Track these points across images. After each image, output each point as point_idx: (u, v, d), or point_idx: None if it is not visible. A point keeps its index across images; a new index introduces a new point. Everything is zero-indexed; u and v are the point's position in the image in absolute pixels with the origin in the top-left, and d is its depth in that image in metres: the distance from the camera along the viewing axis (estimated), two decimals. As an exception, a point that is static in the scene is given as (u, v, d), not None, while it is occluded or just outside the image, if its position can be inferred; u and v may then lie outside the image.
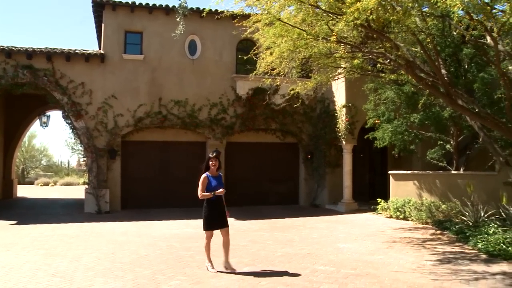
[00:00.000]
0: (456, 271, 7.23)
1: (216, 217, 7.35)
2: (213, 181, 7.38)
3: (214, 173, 7.44)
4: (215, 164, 7.43)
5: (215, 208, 7.36)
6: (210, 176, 7.40)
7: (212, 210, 7.33)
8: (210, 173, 7.41)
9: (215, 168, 7.45)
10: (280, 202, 17.45)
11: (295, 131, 17.51)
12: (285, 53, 8.74)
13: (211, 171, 7.43)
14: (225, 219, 7.46)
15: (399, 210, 13.31)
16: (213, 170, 7.43)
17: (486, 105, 11.70)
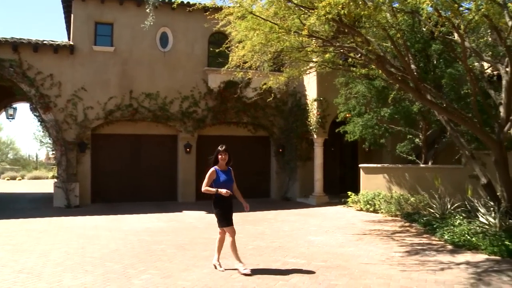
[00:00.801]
0: (423, 262, 7.38)
1: (229, 213, 6.99)
2: (222, 175, 7.01)
3: (223, 167, 7.08)
4: (224, 158, 7.06)
5: (226, 204, 6.97)
6: (219, 170, 7.03)
7: (224, 206, 6.95)
8: (219, 167, 7.05)
9: (224, 162, 7.08)
10: (251, 196, 17.35)
11: (267, 125, 17.56)
12: (257, 46, 8.74)
13: (220, 165, 7.05)
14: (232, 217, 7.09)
15: (369, 203, 13.50)
16: (222, 164, 7.05)
17: (454, 100, 11.94)
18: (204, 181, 7.00)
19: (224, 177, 7.01)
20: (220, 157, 7.05)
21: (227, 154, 7.07)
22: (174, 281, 6.33)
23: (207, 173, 7.04)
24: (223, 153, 7.05)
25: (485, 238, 8.27)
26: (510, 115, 9.22)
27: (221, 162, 7.05)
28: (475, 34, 11.61)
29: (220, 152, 7.06)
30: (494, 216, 8.98)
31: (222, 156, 7.04)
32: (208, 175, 6.98)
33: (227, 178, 7.03)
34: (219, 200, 6.95)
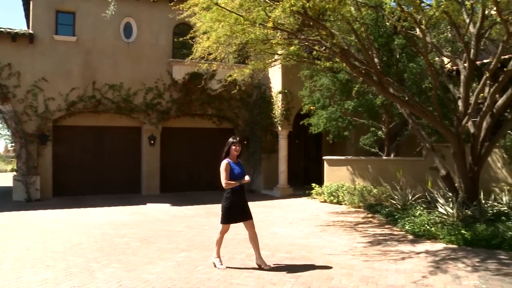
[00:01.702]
0: (385, 252, 7.55)
1: (238, 209, 6.66)
2: (236, 167, 6.69)
3: (235, 160, 6.77)
4: (238, 150, 6.74)
5: (239, 198, 6.67)
6: (232, 162, 6.71)
7: (235, 201, 6.64)
8: (231, 160, 6.72)
9: (237, 154, 6.78)
10: (215, 188, 17.27)
11: (232, 117, 17.55)
12: (222, 38, 8.69)
13: (232, 157, 6.74)
14: (249, 211, 6.79)
15: (332, 194, 13.68)
16: (234, 156, 6.74)
17: (415, 94, 12.19)
18: (223, 175, 6.62)
19: (238, 169, 6.69)
20: (234, 148, 6.72)
21: (240, 146, 6.78)
22: (138, 274, 6.29)
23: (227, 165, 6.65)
24: (237, 145, 6.72)
25: (444, 227, 8.51)
26: (468, 109, 9.48)
27: (234, 154, 6.74)
28: (436, 30, 11.88)
29: (234, 143, 6.73)
30: (452, 206, 9.24)
31: (236, 147, 6.72)
32: (224, 169, 6.62)
33: (241, 171, 6.71)
34: (232, 196, 6.64)
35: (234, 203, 6.62)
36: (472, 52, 9.35)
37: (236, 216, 6.67)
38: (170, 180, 16.84)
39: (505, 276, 6.11)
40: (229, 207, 6.62)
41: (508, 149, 11.27)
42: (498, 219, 8.95)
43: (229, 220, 6.68)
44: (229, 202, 6.62)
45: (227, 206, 6.63)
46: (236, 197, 6.63)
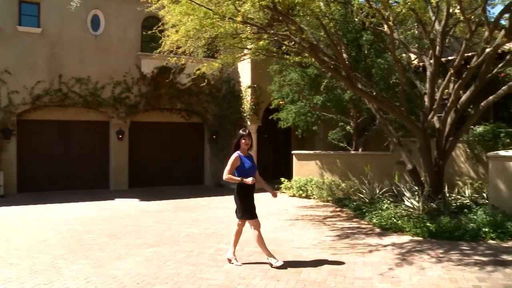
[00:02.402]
0: (353, 245, 7.66)
1: (252, 203, 6.52)
2: (246, 161, 6.44)
3: (246, 153, 6.53)
4: (247, 143, 6.47)
5: (251, 192, 6.52)
6: (243, 156, 6.47)
7: (248, 196, 6.49)
8: (242, 153, 6.48)
9: (247, 147, 6.53)
10: (185, 182, 17.40)
11: (201, 111, 17.45)
12: (191, 32, 8.63)
13: (243, 150, 6.48)
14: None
15: (301, 189, 13.79)
16: (244, 149, 6.48)
17: (383, 89, 12.37)
18: (226, 168, 6.42)
19: (248, 163, 6.46)
20: (243, 141, 6.46)
21: (250, 139, 6.51)
22: (106, 270, 6.22)
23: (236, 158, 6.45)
24: (246, 138, 6.46)
25: (410, 220, 8.69)
26: (434, 105, 9.68)
27: (244, 147, 6.48)
28: (403, 27, 12.08)
29: (244, 136, 6.47)
30: (418, 199, 9.44)
31: (246, 140, 6.46)
32: (231, 162, 6.40)
33: (251, 165, 6.49)
34: (244, 189, 6.45)
35: (247, 195, 6.48)
36: (437, 49, 9.55)
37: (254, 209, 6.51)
38: (139, 175, 16.67)
39: (466, 266, 6.29)
40: (247, 202, 6.48)
41: (471, 144, 11.56)
42: (461, 212, 9.21)
43: (253, 213, 6.48)
44: (243, 196, 6.48)
45: (243, 201, 6.47)
46: (249, 192, 6.50)
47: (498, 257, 6.74)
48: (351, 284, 5.60)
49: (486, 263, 6.45)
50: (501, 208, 9.02)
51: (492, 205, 9.35)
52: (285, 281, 5.75)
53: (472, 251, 7.09)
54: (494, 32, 8.82)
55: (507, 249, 7.20)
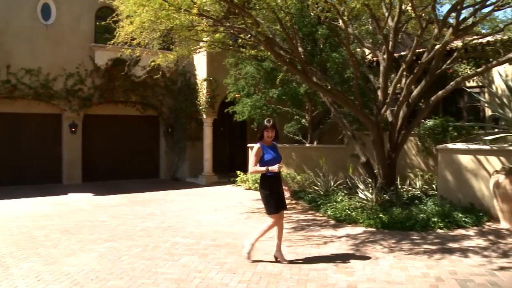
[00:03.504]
0: (308, 237, 7.77)
1: (280, 196, 6.22)
2: (269, 151, 6.18)
3: (269, 143, 6.27)
4: (271, 136, 6.20)
5: (278, 185, 6.20)
6: (265, 146, 6.21)
7: (275, 188, 6.17)
8: (264, 144, 6.23)
9: (271, 140, 6.26)
10: (140, 176, 17.18)
11: (156, 104, 17.25)
12: (146, 23, 8.49)
13: (265, 142, 6.23)
14: (285, 200, 6.39)
15: (257, 181, 13.79)
16: (267, 141, 6.23)
17: (338, 83, 12.56)
18: (250, 160, 6.20)
19: (271, 153, 6.20)
20: (266, 133, 6.18)
21: (274, 131, 6.22)
22: (59, 267, 6.07)
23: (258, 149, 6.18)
24: (269, 130, 6.17)
25: (363, 212, 8.89)
26: (387, 99, 9.90)
27: (267, 140, 6.23)
28: (358, 22, 12.27)
29: (267, 128, 6.17)
30: (371, 191, 9.66)
31: (269, 133, 6.18)
32: (254, 153, 6.14)
33: (275, 155, 6.22)
34: (269, 181, 6.18)
35: (276, 189, 6.18)
36: (390, 45, 9.76)
37: (282, 203, 6.25)
38: (93, 169, 16.33)
39: (416, 254, 6.50)
40: (272, 195, 6.15)
41: (421, 137, 11.90)
42: (412, 203, 9.50)
43: (278, 207, 6.19)
44: (269, 189, 6.16)
45: (269, 194, 6.16)
46: (275, 183, 6.19)
47: (445, 245, 7.00)
48: (306, 275, 5.68)
49: (435, 251, 6.69)
50: (449, 198, 9.38)
51: (440, 196, 9.69)
52: (241, 273, 5.78)
53: (422, 241, 7.33)
54: (443, 29, 9.11)
55: (453, 238, 7.49)
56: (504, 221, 8.29)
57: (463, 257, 6.40)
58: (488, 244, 7.09)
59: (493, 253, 6.57)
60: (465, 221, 8.24)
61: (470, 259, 6.28)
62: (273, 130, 6.20)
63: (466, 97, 12.85)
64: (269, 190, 6.15)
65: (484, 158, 9.16)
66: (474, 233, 7.78)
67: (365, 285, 5.31)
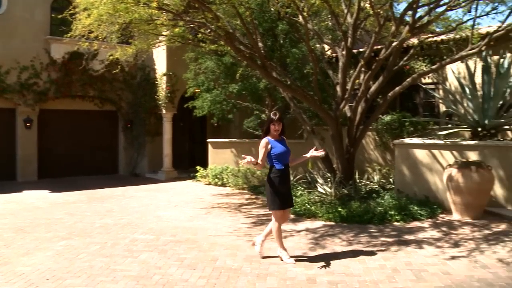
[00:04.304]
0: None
1: (287, 192, 6.06)
2: (277, 145, 5.94)
3: (277, 137, 6.04)
4: (277, 129, 5.95)
5: (286, 180, 6.03)
6: (273, 140, 5.99)
7: (283, 183, 5.97)
8: (271, 137, 6.00)
9: (278, 134, 6.01)
10: (99, 172, 16.87)
11: (114, 99, 16.96)
12: (104, 16, 8.30)
13: (272, 136, 6.00)
14: (292, 197, 6.32)
15: (217, 177, 13.83)
16: (274, 135, 6.00)
17: (297, 79, 12.63)
18: (260, 156, 5.92)
19: (280, 147, 5.97)
20: (272, 127, 5.94)
21: (281, 124, 5.97)
22: (12, 267, 5.90)
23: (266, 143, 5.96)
24: (276, 123, 5.93)
25: (322, 206, 9.02)
26: (345, 94, 10.05)
27: (274, 134, 5.99)
28: (317, 18, 12.37)
29: (274, 121, 5.93)
30: (330, 186, 9.80)
31: (275, 126, 5.94)
32: (261, 147, 5.91)
33: (284, 149, 6.01)
34: (277, 176, 5.97)
35: (282, 185, 5.97)
36: (349, 41, 9.89)
37: (287, 200, 6.06)
38: (50, 165, 15.92)
39: (373, 247, 6.65)
40: (278, 191, 5.93)
41: (379, 132, 12.14)
42: (370, 196, 9.69)
43: (282, 205, 5.97)
44: (275, 185, 5.93)
45: (274, 189, 5.93)
46: (282, 179, 5.98)
47: (402, 238, 7.19)
48: (266, 270, 5.73)
49: (391, 243, 6.86)
50: (405, 192, 9.62)
51: (397, 189, 9.93)
52: (201, 269, 5.77)
53: (379, 233, 7.49)
54: (400, 27, 9.31)
55: (409, 230, 7.70)
56: (456, 213, 8.57)
57: (418, 248, 6.60)
58: (441, 235, 7.34)
59: (445, 244, 6.81)
60: (421, 213, 8.49)
61: (424, 250, 6.49)
62: (280, 123, 5.95)
63: (422, 93, 13.17)
64: (276, 185, 5.93)
65: (438, 152, 9.44)
66: (429, 225, 8.02)
67: (324, 278, 5.40)
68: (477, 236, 7.20)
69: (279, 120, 5.93)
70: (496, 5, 9.35)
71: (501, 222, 8.06)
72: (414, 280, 5.28)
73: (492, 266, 5.76)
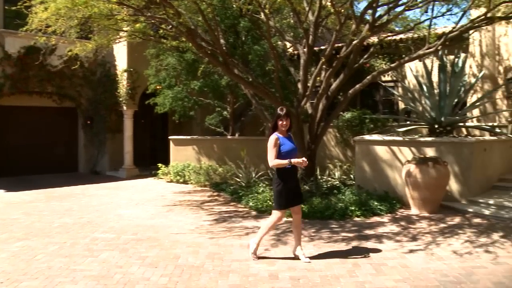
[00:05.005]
0: (230, 228, 7.82)
1: (294, 191, 5.88)
2: (286, 142, 5.77)
3: (284, 134, 5.87)
4: (285, 125, 5.79)
5: (292, 178, 5.88)
6: (282, 137, 5.81)
7: (290, 182, 5.81)
8: (280, 134, 5.83)
9: (285, 129, 5.84)
10: (58, 170, 16.48)
11: (74, 95, 16.57)
12: (62, 10, 8.08)
13: (281, 132, 5.83)
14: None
15: (179, 174, 13.75)
16: (283, 131, 5.83)
17: (259, 76, 12.68)
18: (270, 153, 5.70)
19: (289, 144, 5.79)
20: (280, 123, 5.79)
21: (288, 120, 5.83)
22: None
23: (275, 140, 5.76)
24: (284, 119, 5.78)
25: (284, 203, 9.07)
26: (307, 91, 10.14)
27: (282, 130, 5.82)
28: (279, 15, 12.44)
29: (281, 117, 5.78)
30: (292, 182, 9.86)
31: (283, 122, 5.78)
32: (272, 145, 5.70)
33: (293, 146, 5.83)
34: (284, 175, 5.81)
35: (289, 184, 5.81)
36: (310, 39, 9.99)
37: (293, 199, 5.88)
38: (6, 163, 15.42)
39: (334, 242, 6.76)
40: (284, 190, 5.78)
41: (340, 129, 12.31)
42: (331, 192, 9.82)
43: (286, 204, 5.84)
44: (282, 183, 5.78)
45: (280, 188, 5.79)
46: (289, 177, 5.82)
47: (362, 233, 7.33)
48: (229, 267, 5.73)
49: (352, 238, 6.99)
50: (365, 188, 9.80)
51: (358, 185, 10.10)
52: (163, 267, 5.73)
53: (340, 229, 7.61)
54: (360, 25, 9.46)
55: (369, 225, 7.85)
56: (414, 207, 8.80)
57: (378, 242, 6.75)
58: (400, 229, 7.52)
59: (404, 238, 7.00)
60: (380, 208, 8.67)
61: (384, 244, 6.64)
62: (287, 118, 5.81)
63: (381, 91, 13.44)
64: (283, 184, 5.79)
65: (397, 148, 9.65)
66: (388, 220, 8.21)
67: (286, 274, 5.44)
68: (433, 230, 7.42)
69: (286, 115, 5.81)
70: (450, 6, 9.66)
71: (455, 215, 8.34)
72: (374, 274, 5.39)
73: (447, 258, 5.98)
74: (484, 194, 9.24)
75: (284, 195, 5.79)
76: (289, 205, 5.89)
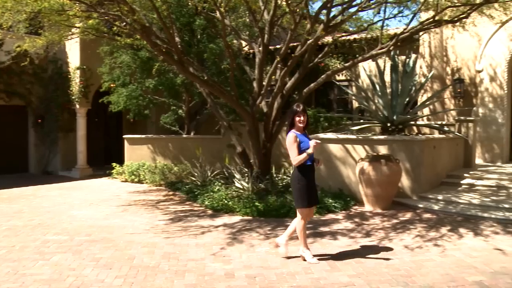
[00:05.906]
0: (186, 227, 7.78)
1: (313, 189, 5.72)
2: (304, 139, 5.58)
3: (301, 131, 5.65)
4: (303, 121, 5.58)
5: (311, 176, 5.68)
6: (300, 134, 5.60)
7: (309, 180, 5.63)
8: (297, 131, 5.62)
9: (303, 126, 5.64)
10: (6, 171, 15.90)
11: (23, 93, 16.04)
12: (8, 3, 7.80)
13: (298, 129, 5.62)
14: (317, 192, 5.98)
15: (134, 173, 13.56)
16: (300, 128, 5.61)
17: (215, 74, 12.65)
18: (291, 151, 5.54)
19: (307, 141, 5.58)
20: (298, 119, 5.58)
21: (306, 116, 5.64)
22: None
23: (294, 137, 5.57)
24: (301, 114, 5.58)
25: (240, 201, 9.11)
26: (262, 90, 10.19)
27: (299, 126, 5.61)
28: (235, 14, 12.45)
29: (298, 113, 5.58)
30: (248, 181, 9.91)
31: (301, 118, 5.58)
32: (291, 142, 5.53)
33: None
34: (304, 172, 5.63)
35: (308, 182, 5.64)
36: (266, 38, 10.03)
37: (314, 197, 5.76)
38: None
39: (290, 240, 6.76)
40: (304, 188, 5.61)
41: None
42: (286, 191, 9.86)
43: (309, 202, 5.66)
44: (302, 181, 5.60)
45: (300, 186, 5.62)
46: (308, 175, 5.66)
47: (317, 230, 7.45)
48: (184, 266, 5.70)
49: (307, 235, 6.96)
50: (320, 185, 9.91)
51: (313, 184, 10.21)
52: (117, 268, 5.64)
53: (295, 227, 7.68)
54: (315, 25, 9.58)
55: (324, 222, 7.99)
56: (368, 204, 9.00)
57: (333, 239, 6.88)
58: (354, 226, 7.70)
59: (358, 234, 7.17)
60: (335, 206, 8.82)
61: (338, 241, 6.78)
62: (304, 114, 5.63)
63: (336, 90, 13.66)
64: (304, 182, 5.63)
65: (351, 146, 9.83)
66: (343, 217, 8.37)
67: (242, 272, 5.46)
68: (386, 226, 7.62)
69: (303, 111, 5.64)
70: (402, 8, 9.93)
71: (407, 211, 8.61)
72: (328, 270, 5.48)
73: (399, 252, 6.18)
74: (433, 190, 9.57)
75: (307, 192, 5.64)
76: (313, 202, 5.79)
